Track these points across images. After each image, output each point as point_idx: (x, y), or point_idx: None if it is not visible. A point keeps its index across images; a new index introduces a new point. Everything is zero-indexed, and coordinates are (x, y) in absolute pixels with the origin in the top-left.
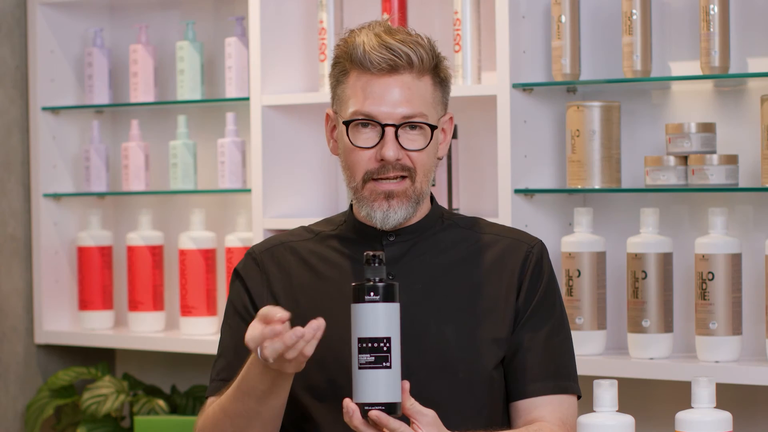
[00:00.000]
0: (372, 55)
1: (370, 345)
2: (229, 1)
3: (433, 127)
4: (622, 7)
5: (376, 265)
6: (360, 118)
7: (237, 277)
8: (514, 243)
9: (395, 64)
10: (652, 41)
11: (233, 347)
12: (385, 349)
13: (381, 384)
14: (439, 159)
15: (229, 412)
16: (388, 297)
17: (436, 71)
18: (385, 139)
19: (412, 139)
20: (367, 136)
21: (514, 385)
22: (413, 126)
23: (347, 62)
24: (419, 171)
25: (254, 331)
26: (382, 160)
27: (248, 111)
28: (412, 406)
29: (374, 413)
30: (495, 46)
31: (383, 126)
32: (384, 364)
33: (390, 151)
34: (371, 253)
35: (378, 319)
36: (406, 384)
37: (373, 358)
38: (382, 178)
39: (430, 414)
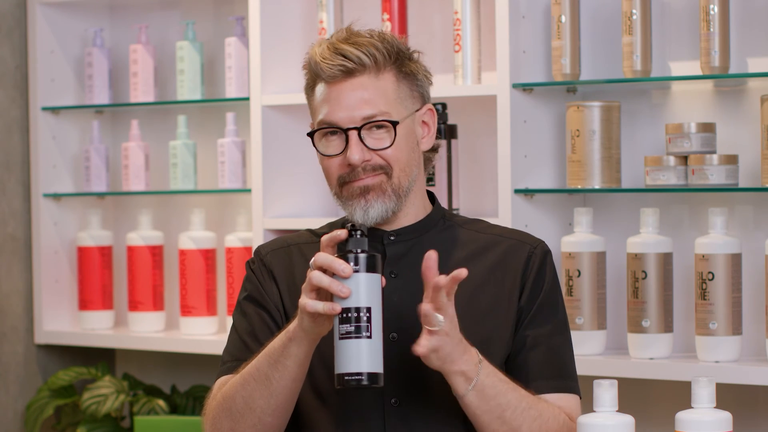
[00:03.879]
0: (322, 64)
1: (350, 315)
2: (229, 1)
3: (394, 123)
4: (622, 7)
5: (358, 236)
6: (324, 126)
7: (249, 269)
8: (517, 244)
9: (347, 68)
10: (652, 41)
11: (248, 330)
12: (365, 319)
13: (363, 354)
14: (433, 152)
15: (245, 374)
16: (369, 267)
17: (398, 66)
18: (349, 143)
19: (378, 138)
20: (335, 144)
21: (518, 382)
22: (378, 125)
23: (310, 74)
24: (395, 166)
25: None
26: (350, 164)
27: (248, 111)
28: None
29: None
30: (495, 46)
31: (345, 131)
32: (364, 334)
33: (354, 155)
34: (352, 224)
35: (359, 289)
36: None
37: (353, 327)
38: (354, 181)
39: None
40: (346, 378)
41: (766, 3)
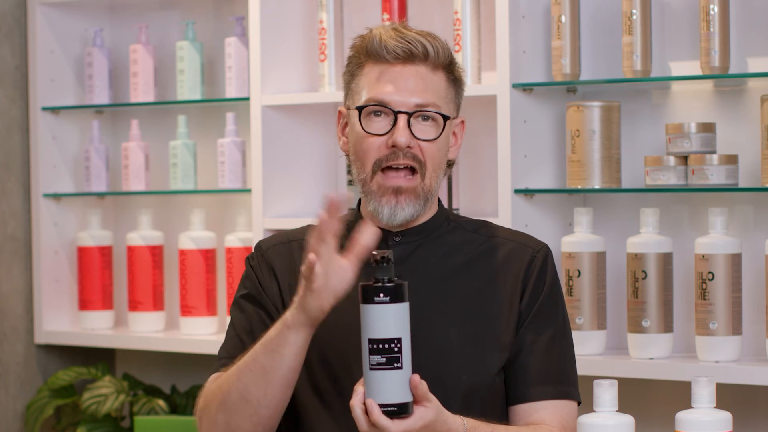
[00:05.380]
0: (389, 42)
1: (380, 346)
2: (229, 1)
3: (446, 117)
4: (622, 7)
5: (385, 265)
6: (373, 104)
7: (249, 265)
8: (520, 247)
9: (411, 53)
10: (652, 41)
11: (245, 328)
12: (396, 349)
13: (393, 385)
14: (450, 164)
15: (240, 365)
16: (397, 297)
17: (450, 69)
18: (397, 125)
19: (424, 129)
20: (380, 124)
21: (515, 388)
22: (426, 117)
23: (363, 55)
24: (429, 165)
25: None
26: (393, 146)
27: (248, 111)
28: (425, 393)
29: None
30: (495, 46)
31: (396, 113)
32: (395, 365)
33: (402, 137)
34: (379, 253)
35: (388, 320)
36: (417, 376)
37: (385, 359)
38: (391, 167)
39: (434, 400)
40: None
41: (766, 3)
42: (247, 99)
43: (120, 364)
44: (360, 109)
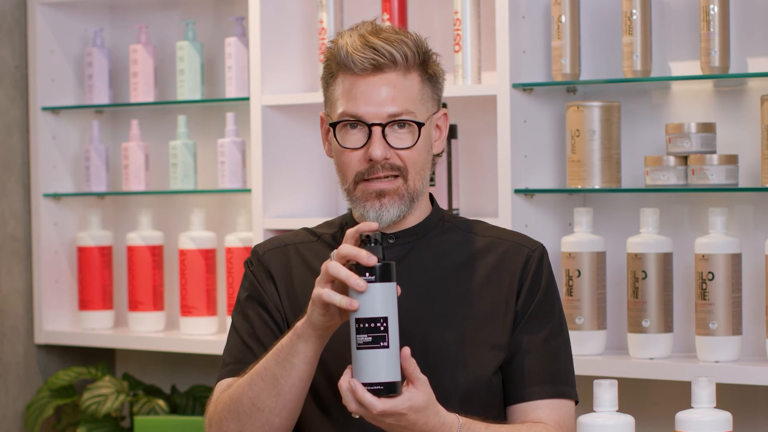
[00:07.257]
0: (354, 56)
1: (367, 325)
2: (229, 1)
3: (420, 125)
4: (622, 7)
5: (372, 245)
6: (347, 119)
7: (248, 269)
8: (515, 246)
9: (378, 63)
10: (652, 41)
11: (248, 331)
12: (382, 328)
13: (380, 364)
14: (438, 156)
15: (252, 374)
16: (384, 277)
17: (424, 67)
18: (372, 138)
19: (400, 137)
20: (356, 137)
21: (512, 388)
22: (401, 124)
23: (334, 64)
24: (411, 169)
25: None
26: (370, 160)
27: (248, 111)
28: (414, 371)
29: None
30: (495, 46)
31: (370, 126)
32: (382, 343)
33: (377, 150)
34: (367, 233)
35: (375, 299)
36: (407, 350)
37: (371, 338)
38: (372, 178)
39: (427, 385)
40: (365, 387)
41: (766, 3)
42: (247, 99)
43: (120, 364)
44: (334, 125)
